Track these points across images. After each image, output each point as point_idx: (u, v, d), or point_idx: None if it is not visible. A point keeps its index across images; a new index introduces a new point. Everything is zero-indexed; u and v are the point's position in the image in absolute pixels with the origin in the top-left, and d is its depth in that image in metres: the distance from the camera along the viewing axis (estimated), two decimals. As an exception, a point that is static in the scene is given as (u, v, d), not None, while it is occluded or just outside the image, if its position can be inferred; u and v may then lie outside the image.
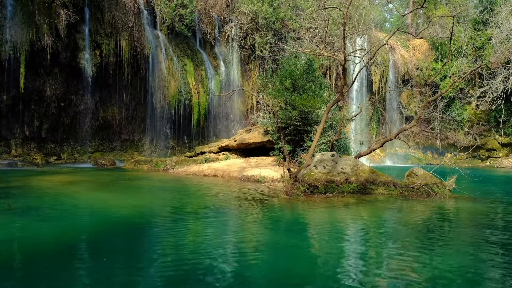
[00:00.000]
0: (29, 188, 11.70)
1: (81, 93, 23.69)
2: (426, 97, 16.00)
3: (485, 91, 26.55)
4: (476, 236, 6.79)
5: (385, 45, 28.06)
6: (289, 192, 10.61)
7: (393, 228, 7.61)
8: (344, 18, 11.12)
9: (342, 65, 11.92)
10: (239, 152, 20.14)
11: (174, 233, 6.62)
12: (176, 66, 25.07)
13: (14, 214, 7.74)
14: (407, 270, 4.87)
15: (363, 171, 11.85)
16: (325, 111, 12.32)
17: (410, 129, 13.49)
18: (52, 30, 20.96)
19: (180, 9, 25.22)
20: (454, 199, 10.81)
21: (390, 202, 10.22)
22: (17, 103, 21.58)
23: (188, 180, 15.46)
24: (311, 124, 16.76)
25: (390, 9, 47.19)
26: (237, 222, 7.86)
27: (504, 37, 26.11)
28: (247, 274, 4.69)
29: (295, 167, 14.53)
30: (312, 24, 27.39)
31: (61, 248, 5.68)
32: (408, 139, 29.76)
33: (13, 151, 22.03)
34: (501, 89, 25.57)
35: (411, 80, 30.60)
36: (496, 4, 28.65)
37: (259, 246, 5.94)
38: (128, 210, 8.71)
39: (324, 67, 28.97)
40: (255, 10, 26.60)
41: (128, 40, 23.58)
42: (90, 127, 24.48)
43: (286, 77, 17.85)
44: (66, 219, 7.60)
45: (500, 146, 29.41)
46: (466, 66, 24.86)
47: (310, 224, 7.83)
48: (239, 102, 28.01)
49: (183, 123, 25.42)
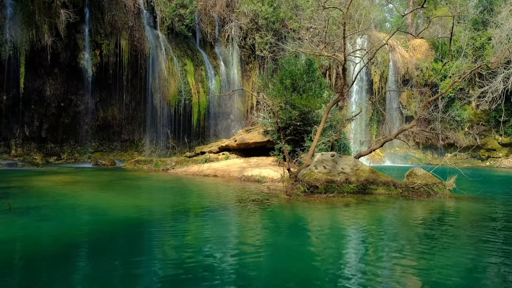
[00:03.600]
0: (29, 188, 11.70)
1: (81, 93, 23.71)
2: (426, 97, 16.01)
3: (485, 91, 26.53)
4: (476, 236, 6.78)
5: (385, 45, 28.05)
6: (289, 192, 10.61)
7: (393, 228, 7.61)
8: (344, 18, 11.12)
9: (342, 65, 11.92)
10: (239, 152, 20.15)
11: (174, 233, 6.63)
12: (176, 66, 25.06)
13: (14, 214, 7.73)
14: (407, 270, 4.87)
15: (363, 171, 11.85)
16: (325, 111, 12.32)
17: (410, 129, 13.50)
18: (52, 30, 20.97)
19: (180, 9, 25.22)
20: (454, 199, 10.81)
21: (390, 202, 10.22)
22: (17, 103, 21.59)
23: (188, 180, 15.46)
24: (311, 124, 16.76)
25: (390, 9, 47.22)
26: (237, 222, 7.86)
27: (504, 37, 26.10)
28: (247, 274, 4.69)
29: (295, 167, 14.53)
30: (312, 24, 27.38)
31: (61, 248, 5.68)
32: (408, 139, 29.76)
33: (13, 151, 22.03)
34: (501, 89, 25.56)
35: (411, 80, 30.59)
36: (496, 4, 28.63)
37: (259, 246, 5.94)
38: (128, 210, 8.71)
39: (324, 67, 28.96)
40: (255, 10, 26.60)
41: (128, 40, 23.58)
42: (90, 127, 24.49)
43: (286, 77, 17.86)
44: (66, 219, 7.60)
45: (500, 146, 29.40)
46: (466, 66, 24.83)
47: (310, 224, 7.83)
48: (239, 102, 28.00)
49: (183, 123, 25.41)
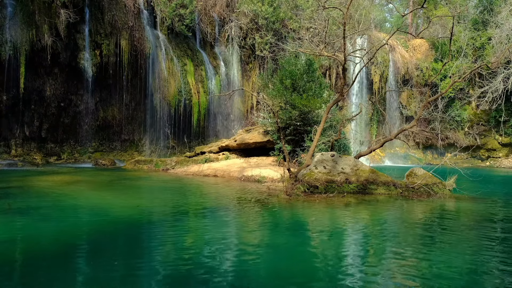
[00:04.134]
0: (29, 188, 11.70)
1: (81, 93, 23.70)
2: (426, 97, 16.01)
3: (485, 91, 26.52)
4: (476, 236, 6.78)
5: (385, 45, 28.04)
6: (289, 192, 10.60)
7: (393, 228, 7.61)
8: (344, 18, 11.12)
9: (342, 65, 11.92)
10: (239, 152, 20.14)
11: (174, 233, 6.63)
12: (176, 66, 25.06)
13: (14, 214, 7.74)
14: (407, 270, 4.87)
15: (363, 171, 11.85)
16: (325, 111, 12.33)
17: (410, 129, 13.49)
18: (52, 30, 20.96)
19: (180, 9, 25.21)
20: (454, 199, 10.81)
21: (390, 202, 10.22)
22: (17, 103, 21.59)
23: (188, 180, 15.46)
24: (311, 124, 16.76)
25: (390, 9, 47.22)
26: (237, 222, 7.86)
27: (504, 37, 26.09)
28: (247, 274, 4.69)
29: (295, 167, 14.52)
30: (312, 24, 27.37)
31: (61, 248, 5.68)
32: (408, 139, 29.75)
33: (13, 151, 22.03)
34: (501, 89, 25.55)
35: (411, 80, 30.59)
36: (496, 4, 28.63)
37: (259, 246, 5.94)
38: (128, 210, 8.71)
39: (324, 67, 28.95)
40: (255, 10, 26.60)
41: (128, 40, 23.57)
42: (90, 127, 24.48)
43: (286, 77, 17.85)
44: (66, 219, 7.59)
45: (500, 146, 29.40)
46: (466, 66, 24.82)
47: (310, 224, 7.83)
48: (239, 102, 28.00)
49: (183, 123, 25.41)
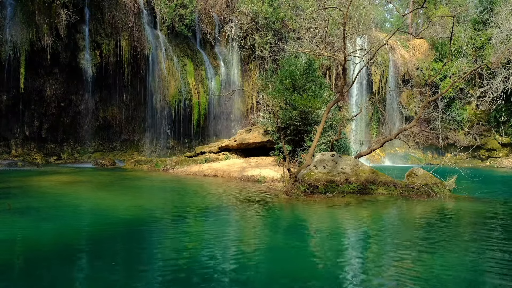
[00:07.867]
0: (29, 188, 11.70)
1: (81, 93, 23.70)
2: (426, 97, 16.01)
3: (485, 91, 26.52)
4: (476, 236, 6.78)
5: (385, 45, 28.04)
6: (289, 192, 10.60)
7: (393, 228, 7.61)
8: (344, 18, 11.12)
9: (342, 65, 11.92)
10: (239, 152, 20.14)
11: (175, 233, 6.63)
12: (176, 66, 25.06)
13: (14, 214, 7.73)
14: (407, 270, 4.87)
15: (363, 171, 11.85)
16: (325, 111, 12.33)
17: (410, 129, 13.50)
18: (52, 30, 20.96)
19: (180, 9, 25.21)
20: (454, 199, 10.81)
21: (390, 202, 10.22)
22: (17, 103, 21.59)
23: (188, 180, 15.46)
24: (311, 124, 16.76)
25: (390, 9, 47.19)
26: (237, 222, 7.86)
27: (504, 37, 26.08)
28: (247, 274, 4.69)
29: (295, 167, 14.52)
30: (312, 24, 27.37)
31: (61, 248, 5.68)
32: (408, 139, 29.74)
33: (13, 151, 22.02)
34: (501, 89, 25.55)
35: (411, 80, 30.59)
36: (496, 4, 28.62)
37: (259, 246, 5.94)
38: (128, 210, 8.71)
39: (324, 67, 28.95)
40: (255, 10, 26.59)
41: (128, 40, 23.57)
42: (90, 127, 24.48)
43: (286, 77, 17.85)
44: (66, 219, 7.59)
45: (500, 146, 29.39)
46: (466, 66, 24.82)
47: (310, 224, 7.83)
48: (239, 102, 28.00)
49: (183, 123, 25.41)
